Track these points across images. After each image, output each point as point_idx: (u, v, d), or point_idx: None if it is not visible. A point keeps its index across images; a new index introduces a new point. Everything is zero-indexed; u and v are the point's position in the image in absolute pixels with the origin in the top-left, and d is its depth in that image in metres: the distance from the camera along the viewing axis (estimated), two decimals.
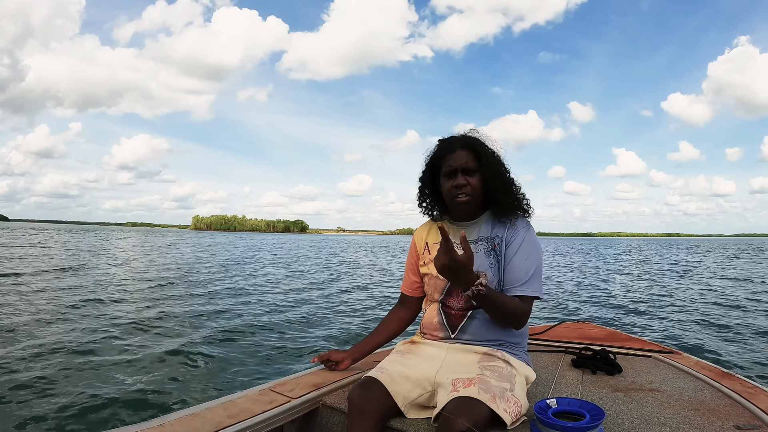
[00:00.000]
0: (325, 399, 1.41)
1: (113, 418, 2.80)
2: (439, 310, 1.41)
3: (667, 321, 6.51)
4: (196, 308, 6.72)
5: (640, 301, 8.54)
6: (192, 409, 1.23)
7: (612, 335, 2.32)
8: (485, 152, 1.36)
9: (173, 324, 5.54)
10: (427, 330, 1.44)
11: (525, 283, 1.31)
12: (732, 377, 1.63)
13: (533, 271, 1.32)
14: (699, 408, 1.35)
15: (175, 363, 3.89)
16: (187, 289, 8.81)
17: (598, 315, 7.15)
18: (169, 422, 1.15)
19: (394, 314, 1.59)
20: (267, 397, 1.37)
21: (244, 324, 5.69)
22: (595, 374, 1.71)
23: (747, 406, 1.35)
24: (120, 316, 5.89)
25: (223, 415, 1.21)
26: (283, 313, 6.57)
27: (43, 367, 3.63)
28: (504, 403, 1.16)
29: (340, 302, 7.95)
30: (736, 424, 1.22)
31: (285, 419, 1.31)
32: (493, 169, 1.35)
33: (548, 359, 1.91)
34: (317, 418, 1.42)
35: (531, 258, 1.33)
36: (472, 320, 1.35)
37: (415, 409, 1.26)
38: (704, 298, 8.85)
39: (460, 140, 1.38)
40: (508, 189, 1.37)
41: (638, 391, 1.51)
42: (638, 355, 1.95)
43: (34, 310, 6.03)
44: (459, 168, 1.34)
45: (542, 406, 1.22)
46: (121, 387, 3.24)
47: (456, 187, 1.35)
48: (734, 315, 6.89)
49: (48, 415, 2.76)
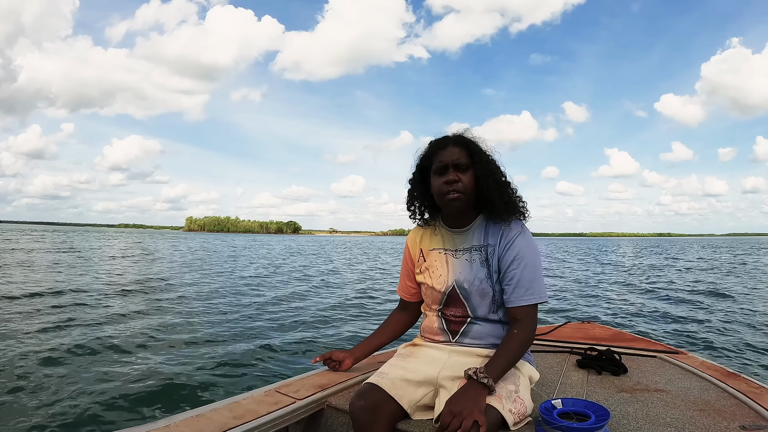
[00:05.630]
0: (330, 400, 1.41)
1: (119, 419, 2.81)
2: (438, 317, 1.39)
3: (671, 321, 6.48)
4: (200, 311, 6.74)
5: (644, 301, 8.50)
6: (197, 411, 1.24)
7: (617, 335, 2.32)
8: (478, 150, 1.31)
9: (177, 326, 5.56)
10: (427, 334, 1.43)
11: (527, 292, 1.26)
12: (738, 377, 1.62)
13: (533, 277, 1.27)
14: (704, 408, 1.34)
15: (180, 364, 3.90)
16: (189, 291, 8.84)
17: (602, 315, 7.12)
18: (175, 423, 1.15)
19: (394, 317, 1.59)
20: (272, 398, 1.37)
21: (249, 325, 5.71)
22: (600, 375, 1.70)
23: (753, 406, 1.34)
24: (123, 318, 5.92)
25: (229, 416, 1.21)
26: (287, 315, 6.58)
27: (48, 369, 3.65)
28: (510, 404, 1.16)
29: (343, 303, 7.96)
30: (741, 425, 1.22)
31: (290, 420, 1.31)
32: (486, 167, 1.29)
33: (553, 360, 1.91)
34: (322, 419, 1.42)
35: (530, 264, 1.28)
36: (472, 326, 1.34)
37: (421, 410, 1.26)
38: (709, 297, 8.81)
39: (453, 137, 1.34)
40: (501, 188, 1.30)
41: (643, 392, 1.50)
42: (643, 356, 1.94)
43: (35, 309, 6.08)
44: (450, 163, 1.28)
45: (547, 407, 1.22)
46: (127, 388, 3.26)
47: (447, 183, 1.28)
48: (740, 314, 6.85)
49: (54, 416, 2.78)
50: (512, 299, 1.28)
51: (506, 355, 1.21)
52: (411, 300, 1.53)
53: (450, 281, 1.35)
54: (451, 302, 1.36)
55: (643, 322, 6.39)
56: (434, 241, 1.41)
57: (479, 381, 1.12)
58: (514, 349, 1.23)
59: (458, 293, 1.33)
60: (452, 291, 1.34)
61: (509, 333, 1.26)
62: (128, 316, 6.05)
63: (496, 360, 1.19)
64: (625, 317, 6.90)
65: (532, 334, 1.28)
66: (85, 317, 5.83)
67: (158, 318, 5.97)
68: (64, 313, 6.08)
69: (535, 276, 1.28)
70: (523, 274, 1.27)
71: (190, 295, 8.20)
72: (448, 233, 1.39)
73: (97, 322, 5.58)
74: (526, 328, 1.26)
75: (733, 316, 6.74)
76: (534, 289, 1.27)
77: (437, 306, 1.39)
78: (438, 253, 1.39)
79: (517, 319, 1.27)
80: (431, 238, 1.42)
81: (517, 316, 1.28)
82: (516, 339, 1.24)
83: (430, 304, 1.42)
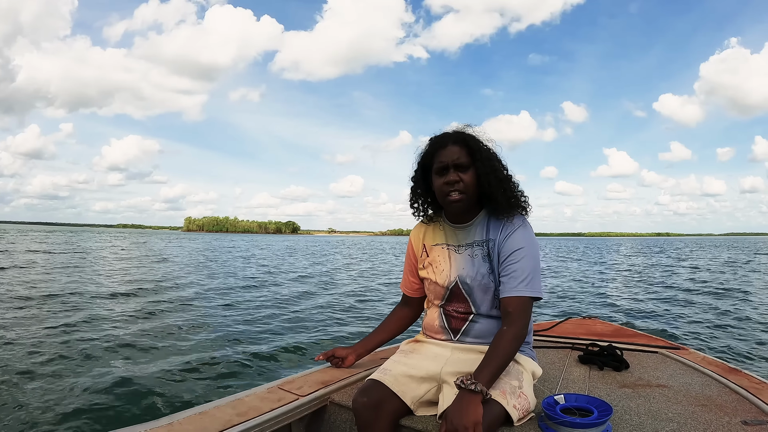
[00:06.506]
0: (333, 396, 1.42)
1: (122, 416, 2.82)
2: (440, 314, 1.39)
3: (673, 316, 6.49)
4: (203, 308, 6.75)
5: (646, 297, 8.51)
6: (200, 408, 1.24)
7: (619, 331, 2.32)
8: (479, 147, 1.29)
9: (180, 324, 5.57)
10: (428, 332, 1.43)
11: (522, 284, 1.23)
12: (739, 373, 1.62)
13: (530, 271, 1.24)
14: (706, 404, 1.35)
15: (183, 362, 3.91)
16: (192, 290, 8.85)
17: (604, 311, 7.13)
18: (178, 421, 1.15)
19: (396, 313, 1.59)
20: (275, 395, 1.37)
21: (250, 324, 5.72)
22: (602, 370, 1.70)
23: (754, 401, 1.34)
24: (125, 317, 5.93)
25: (232, 414, 1.21)
26: (289, 313, 6.59)
27: (49, 367, 3.66)
28: (514, 400, 1.16)
29: (343, 302, 7.96)
30: (743, 420, 1.22)
31: (293, 417, 1.31)
32: (487, 165, 1.27)
33: (555, 355, 1.91)
34: (325, 415, 1.42)
35: (528, 258, 1.25)
36: (474, 324, 1.33)
37: (424, 406, 1.26)
38: (710, 293, 8.82)
39: (452, 135, 1.31)
40: (503, 185, 1.29)
41: (645, 387, 1.51)
42: (645, 351, 1.94)
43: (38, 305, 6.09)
44: (451, 164, 1.27)
45: (550, 402, 1.22)
46: (130, 386, 3.26)
47: (448, 184, 1.27)
48: (741, 310, 6.86)
49: (56, 414, 2.78)
50: (506, 289, 1.25)
51: (496, 357, 1.16)
52: (414, 295, 1.53)
53: (453, 276, 1.34)
54: (454, 298, 1.36)
55: (645, 318, 6.40)
56: (437, 237, 1.42)
57: (467, 389, 1.08)
58: (505, 348, 1.17)
59: (461, 289, 1.33)
60: (455, 286, 1.34)
61: (499, 331, 1.21)
62: (135, 316, 6.06)
63: (486, 363, 1.14)
64: (626, 313, 6.90)
65: (524, 330, 1.22)
66: (94, 315, 5.85)
67: (161, 318, 5.98)
68: (63, 312, 6.09)
69: (532, 270, 1.25)
70: (520, 266, 1.25)
71: (194, 295, 8.20)
72: (450, 228, 1.39)
73: (97, 321, 5.59)
74: (517, 325, 1.20)
75: (734, 312, 6.74)
76: (530, 282, 1.24)
77: (439, 302, 1.39)
78: (441, 248, 1.39)
79: (508, 312, 1.23)
80: (434, 234, 1.42)
81: (508, 308, 1.23)
82: (506, 337, 1.19)
83: (433, 299, 1.42)
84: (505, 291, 1.26)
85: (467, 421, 1.02)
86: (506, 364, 1.19)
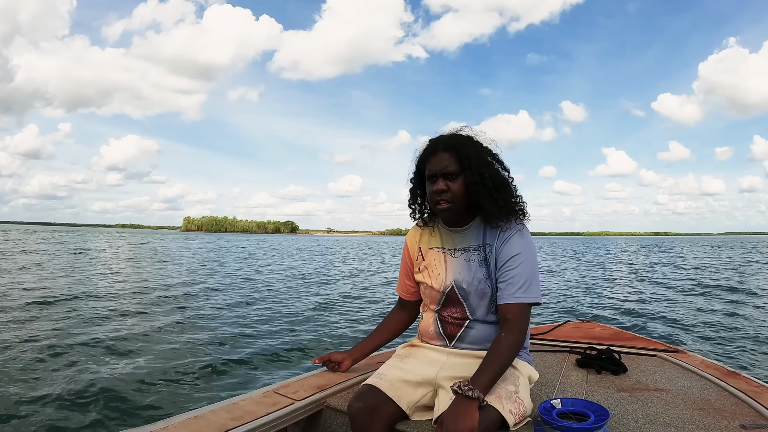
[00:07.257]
0: (329, 401, 1.41)
1: (117, 420, 2.80)
2: (435, 319, 1.38)
3: (671, 319, 6.48)
4: (198, 311, 6.72)
5: (643, 300, 8.51)
6: (195, 412, 1.23)
7: (617, 334, 2.31)
8: (469, 154, 1.25)
9: (175, 326, 5.55)
10: (424, 337, 1.42)
11: (520, 290, 1.23)
12: (738, 376, 1.62)
13: (528, 277, 1.24)
14: (705, 407, 1.34)
15: (178, 366, 3.89)
16: (187, 291, 8.83)
17: (602, 312, 7.13)
18: (173, 425, 1.15)
19: (393, 316, 1.58)
20: (270, 399, 1.36)
21: (247, 326, 5.70)
22: (600, 374, 1.70)
23: (753, 405, 1.34)
24: (120, 320, 5.91)
25: (227, 418, 1.21)
26: (286, 315, 6.57)
27: (43, 370, 3.64)
28: (510, 404, 1.15)
29: (342, 305, 7.95)
30: (742, 424, 1.21)
31: (289, 421, 1.30)
32: (476, 173, 1.24)
33: (553, 359, 1.90)
34: (321, 420, 1.41)
35: (525, 263, 1.24)
36: (469, 330, 1.32)
37: (420, 411, 1.26)
38: (710, 294, 8.82)
39: (444, 142, 1.28)
40: (493, 193, 1.25)
41: (643, 391, 1.50)
42: (643, 355, 1.94)
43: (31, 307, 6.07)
44: (439, 172, 1.25)
45: (546, 407, 1.21)
46: (124, 390, 3.25)
47: (435, 193, 1.26)
48: (739, 313, 6.85)
49: (51, 418, 2.77)
50: (504, 296, 1.24)
51: (494, 363, 1.15)
52: (410, 299, 1.52)
53: (449, 281, 1.34)
54: (450, 303, 1.35)
55: (643, 321, 6.39)
56: (433, 240, 1.41)
57: (464, 395, 1.08)
58: (503, 354, 1.17)
59: (457, 293, 1.32)
60: (451, 291, 1.33)
61: (498, 337, 1.21)
62: (128, 318, 6.05)
63: (484, 369, 1.14)
64: (624, 316, 6.89)
65: (522, 337, 1.22)
66: (92, 315, 5.83)
67: (156, 319, 5.95)
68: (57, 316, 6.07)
69: (530, 276, 1.24)
70: (518, 273, 1.24)
71: (190, 297, 8.19)
72: (446, 232, 1.38)
73: (95, 321, 5.58)
74: (515, 331, 1.20)
75: (733, 314, 6.74)
76: (528, 288, 1.23)
77: (435, 306, 1.38)
78: (437, 252, 1.38)
79: (506, 318, 1.22)
80: (430, 237, 1.42)
81: (507, 315, 1.23)
82: (505, 343, 1.18)
83: (429, 304, 1.41)
84: (503, 298, 1.25)
85: (463, 426, 1.02)
86: (504, 370, 1.18)
